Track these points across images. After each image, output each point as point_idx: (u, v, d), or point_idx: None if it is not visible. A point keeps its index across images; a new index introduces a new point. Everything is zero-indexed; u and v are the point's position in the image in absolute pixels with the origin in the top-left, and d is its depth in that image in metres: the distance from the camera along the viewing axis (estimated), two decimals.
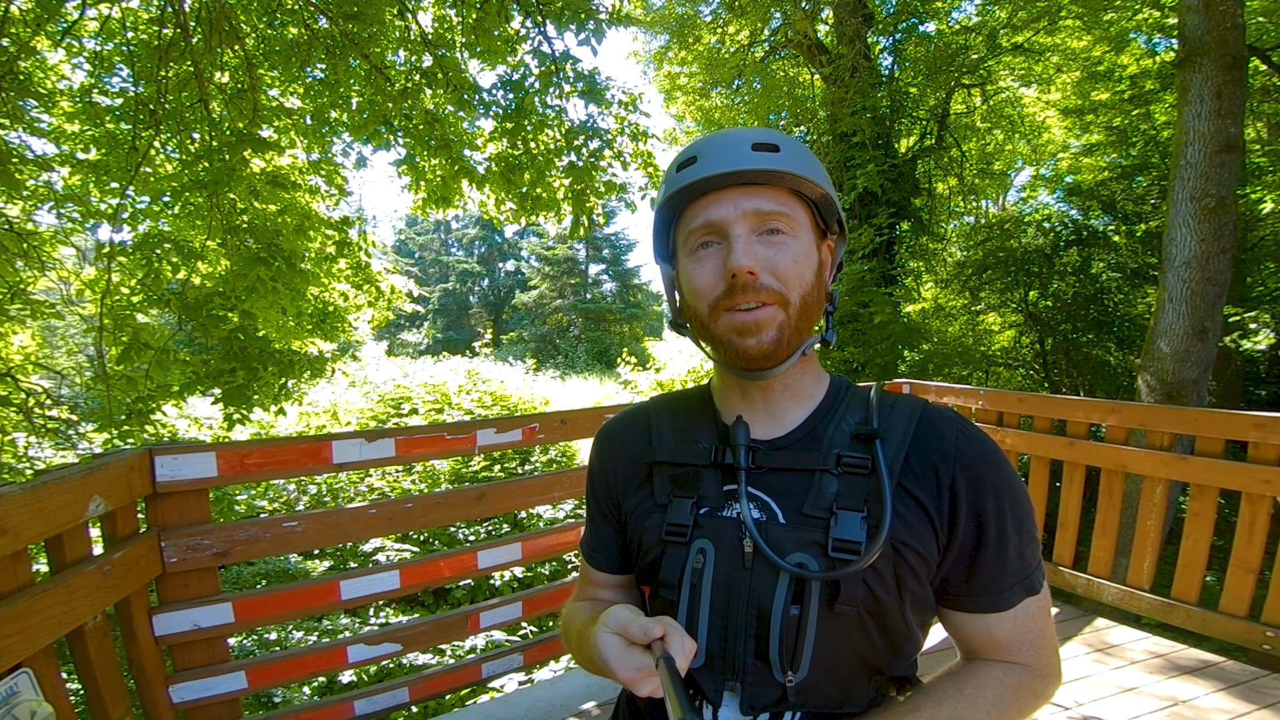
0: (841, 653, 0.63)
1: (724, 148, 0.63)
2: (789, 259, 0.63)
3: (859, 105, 6.99)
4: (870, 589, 0.61)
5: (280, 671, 1.63)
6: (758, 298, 0.62)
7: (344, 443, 1.69)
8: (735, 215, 0.63)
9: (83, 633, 1.25)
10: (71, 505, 1.23)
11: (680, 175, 0.65)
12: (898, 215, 7.55)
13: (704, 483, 0.69)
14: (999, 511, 0.64)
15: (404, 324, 29.25)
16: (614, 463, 0.78)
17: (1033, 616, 0.66)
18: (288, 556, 4.62)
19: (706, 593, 0.65)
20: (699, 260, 0.66)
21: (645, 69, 9.83)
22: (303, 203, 5.07)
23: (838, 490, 0.64)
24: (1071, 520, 2.38)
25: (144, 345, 4.65)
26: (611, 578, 0.81)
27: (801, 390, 0.71)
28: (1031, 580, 0.66)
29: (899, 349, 6.88)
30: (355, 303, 5.43)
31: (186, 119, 4.08)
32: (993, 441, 0.67)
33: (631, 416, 0.80)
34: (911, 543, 0.62)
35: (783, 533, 0.63)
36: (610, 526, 0.79)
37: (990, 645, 0.67)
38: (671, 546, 0.67)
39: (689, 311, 0.69)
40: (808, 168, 0.64)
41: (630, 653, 0.56)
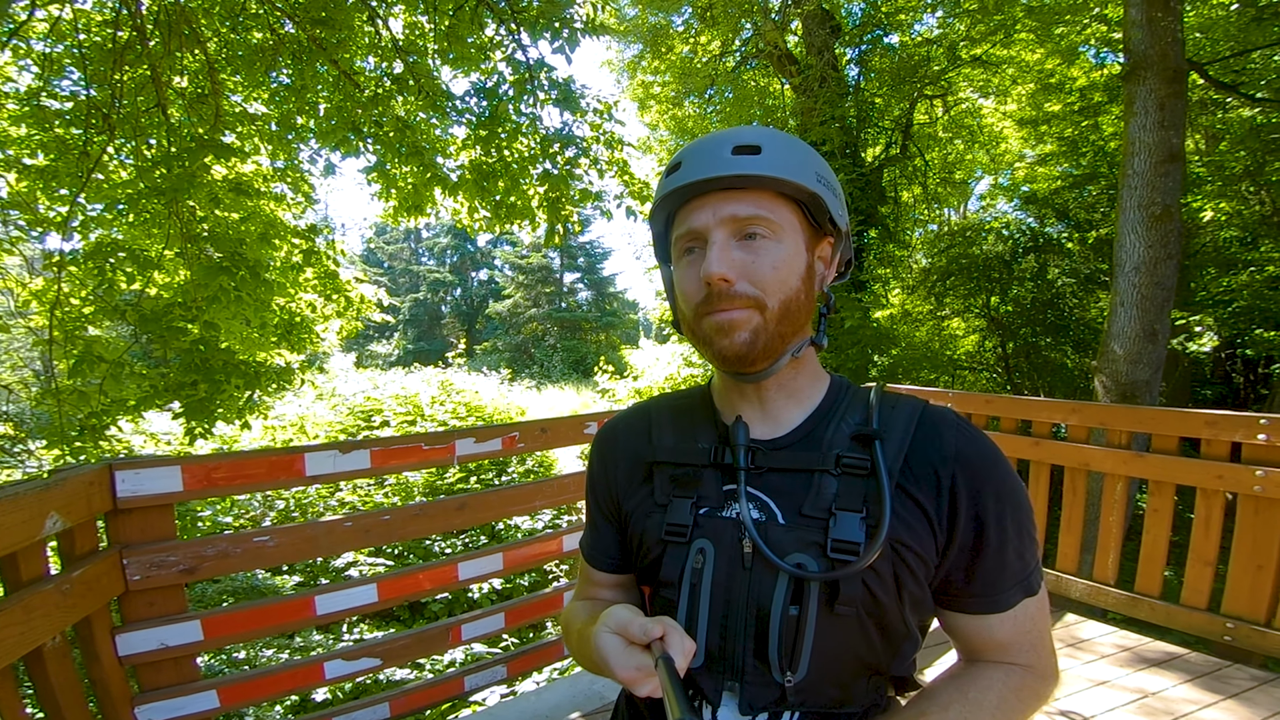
0: (840, 653, 0.63)
1: (704, 153, 0.63)
2: (767, 264, 0.63)
3: (827, 115, 7.17)
4: (869, 589, 0.62)
5: (254, 690, 1.57)
6: (732, 304, 0.63)
7: (317, 455, 1.65)
8: (713, 221, 0.63)
9: (41, 654, 1.19)
10: (26, 523, 1.17)
11: (666, 181, 0.66)
12: (866, 223, 7.75)
13: (704, 483, 0.69)
14: (999, 513, 0.64)
15: (374, 335, 28.64)
16: (614, 462, 0.78)
17: (1032, 617, 0.67)
18: (255, 573, 4.44)
19: (706, 592, 0.65)
20: (684, 266, 0.67)
21: (619, 78, 9.90)
22: (268, 210, 4.94)
23: (837, 491, 0.64)
24: (1039, 518, 2.46)
25: (97, 358, 4.45)
26: (611, 577, 0.81)
27: (798, 391, 0.71)
28: (1030, 581, 0.66)
29: (869, 354, 7.03)
30: (323, 313, 5.30)
31: (142, 124, 3.94)
32: (993, 443, 0.67)
33: (632, 416, 0.81)
34: (911, 543, 0.62)
35: (782, 533, 0.64)
36: (610, 526, 0.79)
37: (990, 646, 0.68)
38: (671, 546, 0.67)
39: (680, 315, 0.70)
40: (792, 169, 0.63)
41: (630, 652, 0.56)
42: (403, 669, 3.28)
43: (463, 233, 20.93)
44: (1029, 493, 2.40)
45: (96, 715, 1.37)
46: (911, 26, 8.36)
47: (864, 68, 8.43)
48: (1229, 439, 1.93)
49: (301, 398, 9.12)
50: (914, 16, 8.20)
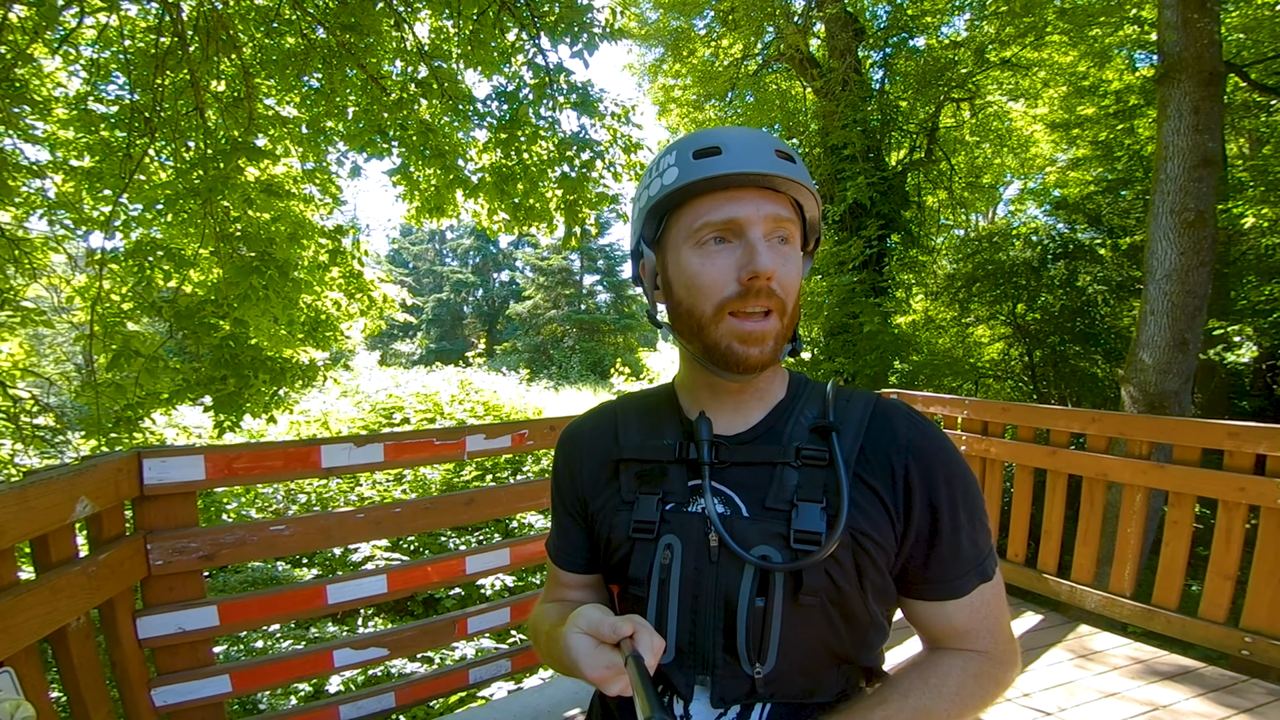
0: (808, 643, 0.64)
1: (751, 147, 0.63)
2: (794, 270, 0.66)
3: (850, 118, 7.10)
4: (832, 579, 0.63)
5: (265, 675, 1.63)
6: (768, 303, 0.63)
7: (333, 447, 1.70)
8: (757, 217, 0.63)
9: (65, 634, 1.25)
10: (59, 506, 1.24)
11: (701, 164, 0.63)
12: (888, 227, 7.64)
13: (669, 479, 0.70)
14: (950, 499, 0.66)
15: (397, 334, 29.17)
16: (580, 462, 0.78)
17: (988, 603, 0.68)
18: (274, 564, 4.57)
19: (675, 588, 0.66)
20: (709, 255, 0.64)
21: (640, 81, 9.94)
22: (297, 211, 5.09)
23: (798, 482, 0.65)
24: (1055, 528, 2.41)
25: (134, 353, 4.63)
26: (579, 578, 0.81)
27: (767, 389, 0.73)
28: (985, 567, 0.68)
29: (888, 359, 6.93)
30: (347, 311, 5.43)
31: (181, 127, 4.10)
32: (942, 433, 0.70)
33: (597, 417, 0.81)
34: (870, 532, 0.64)
35: (746, 526, 0.65)
36: (577, 526, 0.79)
37: (950, 633, 0.69)
38: (639, 543, 0.68)
39: (681, 306, 0.67)
40: (812, 184, 0.67)
41: (600, 652, 0.56)
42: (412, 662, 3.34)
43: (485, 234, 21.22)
44: (1045, 503, 2.39)
45: (115, 697, 1.44)
46: (938, 29, 8.23)
47: (888, 71, 8.32)
48: (1253, 451, 1.87)
49: (326, 394, 9.35)
50: (941, 19, 8.07)
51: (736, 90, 8.72)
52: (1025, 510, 2.54)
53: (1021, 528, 2.54)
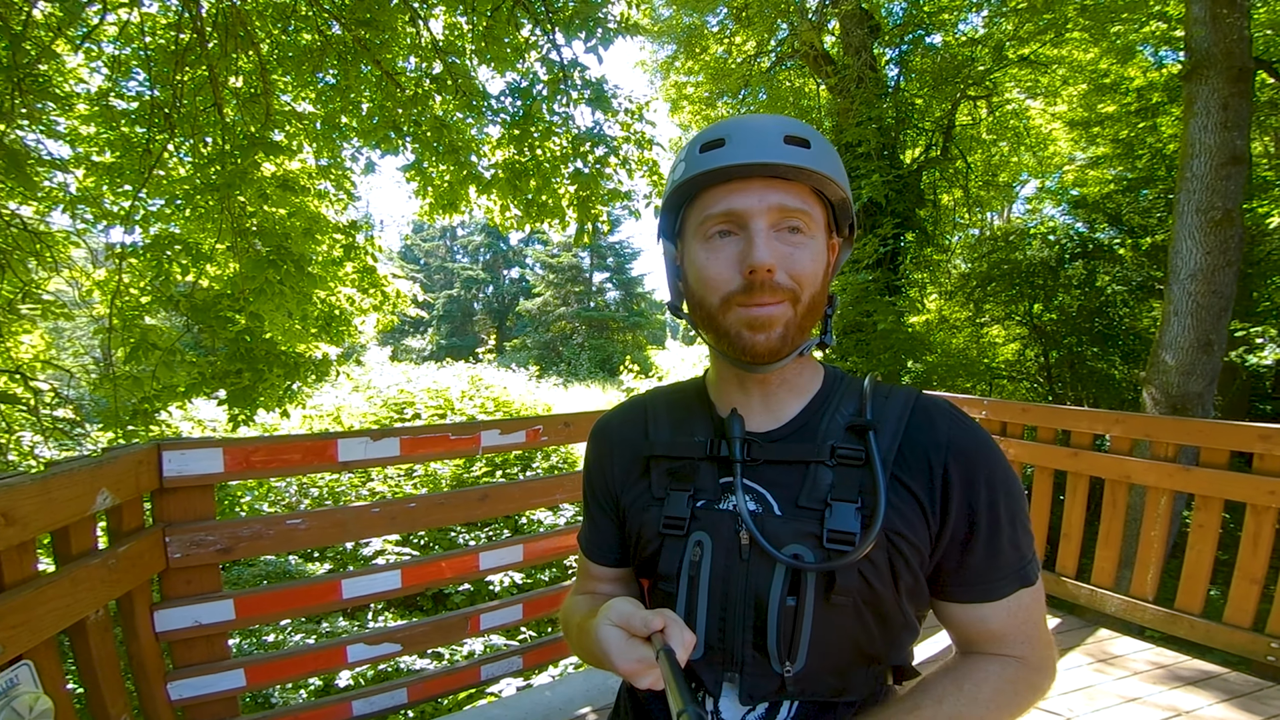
0: (839, 642, 0.63)
1: (756, 135, 0.62)
2: (807, 259, 0.63)
3: (864, 116, 7.02)
4: (865, 579, 0.62)
5: (279, 670, 1.63)
6: (773, 295, 0.62)
7: (349, 441, 1.70)
8: (760, 208, 0.62)
9: (84, 626, 1.25)
10: (80, 498, 1.24)
11: (706, 157, 0.62)
12: (902, 226, 7.56)
13: (700, 475, 0.69)
14: (991, 502, 0.64)
15: (408, 329, 29.36)
16: (610, 457, 0.78)
17: (1026, 608, 0.66)
18: (288, 559, 4.61)
19: (704, 585, 0.65)
20: (714, 249, 0.64)
21: (652, 78, 9.89)
22: (312, 207, 5.13)
23: (832, 482, 0.64)
24: (1075, 531, 2.37)
25: (151, 346, 4.69)
26: (610, 571, 0.81)
27: (799, 384, 0.71)
28: (1026, 572, 0.66)
29: (902, 359, 6.86)
30: (360, 306, 5.46)
31: (200, 123, 4.13)
32: (986, 433, 0.67)
33: (628, 411, 0.81)
34: (905, 533, 0.63)
35: (778, 524, 0.64)
36: (608, 520, 0.79)
37: (985, 637, 0.67)
38: (669, 539, 0.68)
39: (694, 299, 0.68)
40: (834, 168, 0.64)
41: (631, 645, 0.56)
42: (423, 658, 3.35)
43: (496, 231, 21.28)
44: (1065, 505, 2.35)
45: (131, 690, 1.44)
46: (955, 26, 8.11)
47: (904, 68, 8.21)
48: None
49: (339, 389, 9.43)
50: (958, 16, 7.95)
51: (750, 87, 8.66)
52: (1044, 512, 2.50)
53: (1040, 531, 2.51)
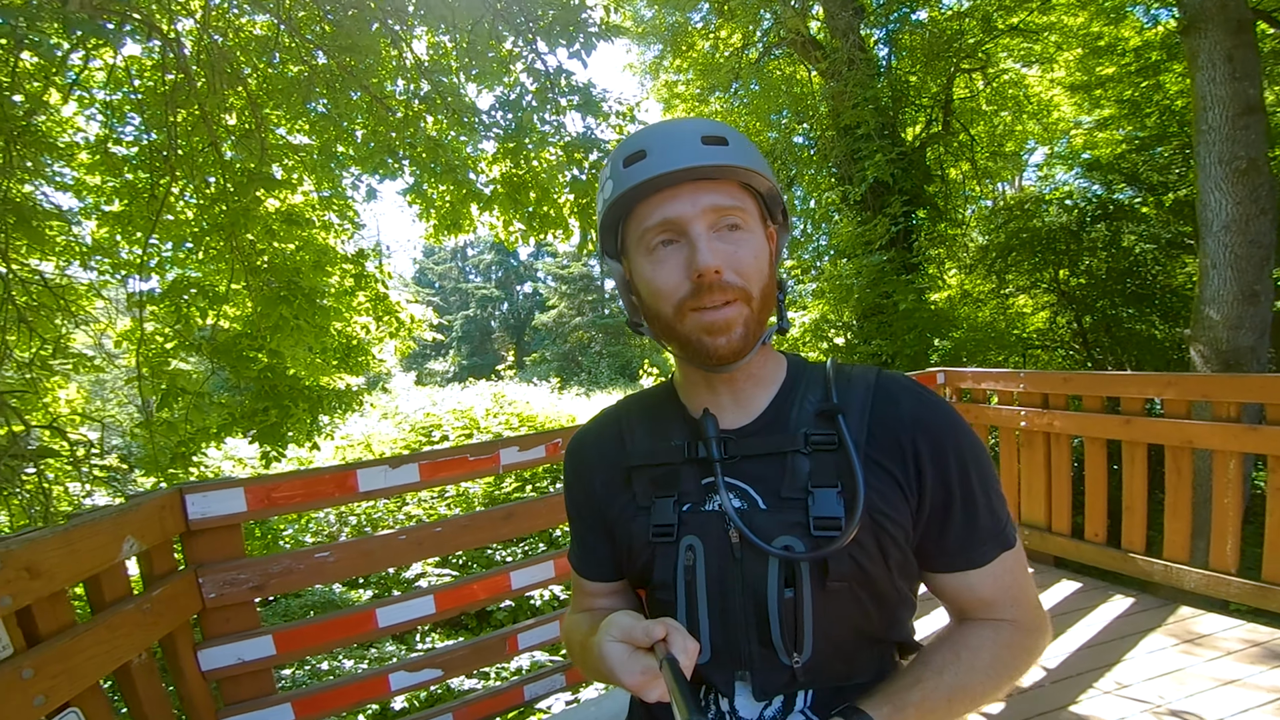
0: (841, 627, 0.64)
1: (674, 141, 0.62)
2: (750, 255, 0.64)
3: (859, 97, 6.92)
4: (857, 562, 0.63)
5: (325, 702, 1.61)
6: (724, 296, 0.62)
7: (368, 470, 1.68)
8: (694, 212, 0.62)
9: (129, 670, 1.25)
10: (105, 547, 1.23)
11: (630, 171, 0.62)
12: (912, 203, 7.43)
13: (683, 480, 0.69)
14: (962, 471, 0.65)
15: (430, 353, 29.75)
16: (590, 474, 0.77)
17: (1010, 571, 0.68)
18: (332, 587, 4.64)
19: (701, 588, 0.65)
20: (658, 260, 0.64)
21: (642, 80, 9.89)
22: (320, 239, 5.19)
23: (810, 469, 0.65)
24: (1138, 503, 2.23)
25: (180, 390, 4.76)
26: (605, 585, 0.80)
27: (764, 375, 0.72)
28: (1005, 535, 0.68)
29: (927, 338, 6.71)
30: (377, 335, 5.50)
31: (198, 163, 4.19)
32: (948, 404, 0.70)
33: (602, 425, 0.80)
34: (887, 511, 0.64)
35: (765, 518, 0.64)
36: (596, 536, 0.78)
37: (976, 604, 0.69)
38: (661, 547, 0.67)
39: (649, 312, 0.68)
40: (755, 161, 0.64)
41: (635, 658, 0.56)
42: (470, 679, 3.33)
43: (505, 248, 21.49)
44: (1124, 476, 2.23)
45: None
46: (940, 1, 7.98)
47: (894, 46, 8.09)
48: None
49: (368, 417, 9.54)
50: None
51: (740, 80, 8.60)
52: (1101, 486, 2.36)
53: (1099, 505, 2.36)
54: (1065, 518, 2.47)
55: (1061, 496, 2.48)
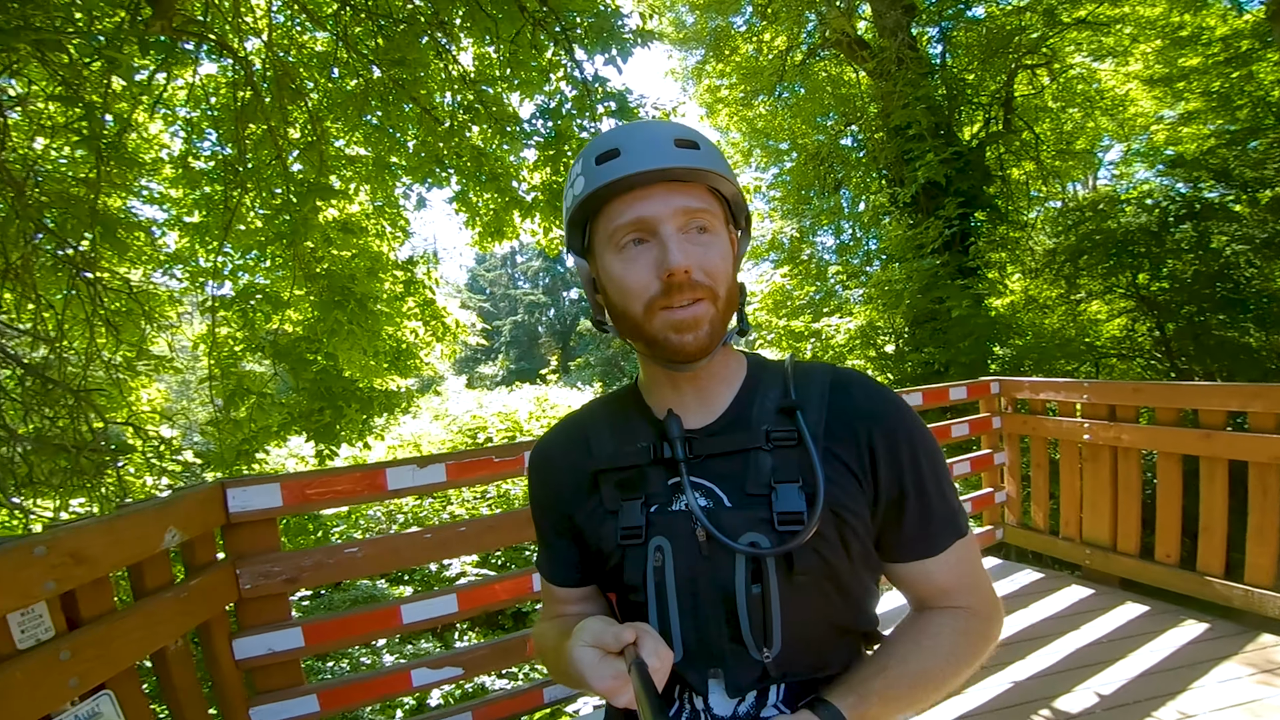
0: (809, 620, 0.66)
1: (648, 143, 0.64)
2: (717, 256, 0.66)
3: (910, 97, 6.66)
4: (821, 555, 0.64)
5: (349, 695, 1.66)
6: (693, 294, 0.64)
7: (398, 470, 1.72)
8: (666, 212, 0.64)
9: (165, 656, 1.31)
10: (148, 536, 1.30)
11: (604, 169, 0.64)
12: (969, 205, 7.07)
13: (649, 481, 0.70)
14: (914, 461, 0.67)
15: (480, 357, 30.60)
16: (556, 480, 0.78)
17: (965, 559, 0.70)
18: (376, 583, 4.80)
19: (671, 588, 0.66)
20: (628, 258, 0.65)
21: (684, 85, 9.89)
22: (374, 247, 5.42)
23: (773, 465, 0.66)
24: (1218, 524, 2.03)
25: (246, 390, 5.06)
26: (575, 591, 0.81)
27: (727, 374, 0.73)
28: (958, 523, 0.70)
29: (985, 345, 6.35)
30: (424, 339, 5.68)
31: (265, 175, 4.46)
32: (899, 397, 0.71)
33: (565, 431, 0.81)
34: (847, 503, 0.65)
35: (731, 515, 0.65)
36: (564, 541, 0.78)
37: (933, 592, 0.71)
38: (630, 550, 0.68)
39: (616, 310, 0.68)
40: (723, 166, 0.67)
41: (605, 663, 0.56)
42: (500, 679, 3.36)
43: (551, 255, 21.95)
44: (1201, 495, 2.03)
45: (216, 715, 1.49)
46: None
47: (948, 44, 7.75)
48: None
49: (420, 418, 9.89)
50: None
51: (784, 83, 8.46)
52: (1175, 504, 2.16)
53: (1172, 525, 2.17)
54: (1133, 537, 2.31)
55: (1129, 515, 2.31)
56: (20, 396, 2.97)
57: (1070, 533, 2.58)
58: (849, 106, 8.19)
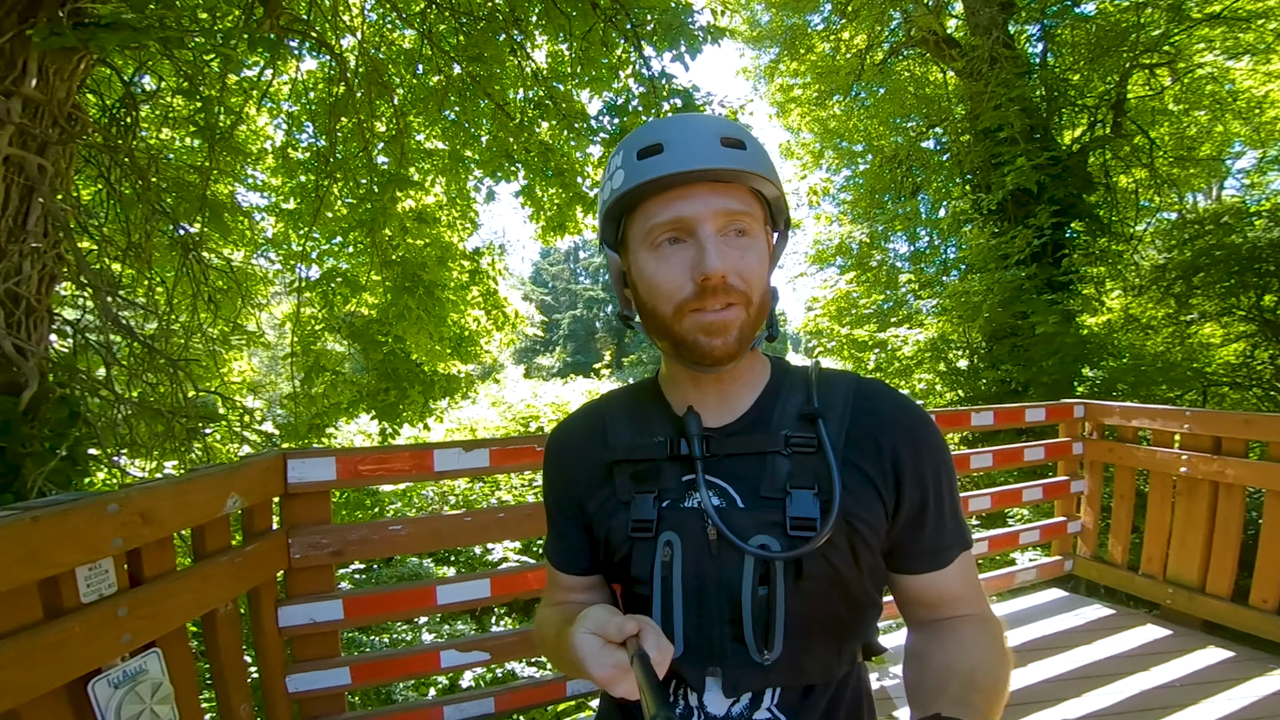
0: (812, 627, 0.66)
1: (693, 140, 0.62)
2: (754, 261, 0.65)
3: (1002, 98, 6.20)
4: (830, 562, 0.64)
5: (379, 670, 1.71)
6: (726, 299, 0.63)
7: (444, 452, 1.76)
8: (706, 213, 0.62)
9: (215, 618, 1.38)
10: (211, 500, 1.38)
11: (645, 164, 0.62)
12: (1064, 214, 6.51)
13: (664, 476, 0.70)
14: (936, 475, 0.68)
15: (538, 349, 31.41)
16: (571, 467, 0.78)
17: (970, 568, 0.71)
18: (424, 563, 4.99)
19: (678, 584, 0.66)
20: (663, 257, 0.64)
21: (756, 84, 9.70)
22: (445, 237, 5.64)
23: (789, 470, 0.66)
24: None
25: (322, 368, 5.39)
26: (581, 580, 0.81)
27: (750, 378, 0.73)
28: (964, 536, 0.71)
29: (1074, 366, 5.83)
30: (484, 327, 5.86)
31: (352, 166, 4.74)
32: (924, 411, 0.71)
33: (584, 419, 0.81)
34: (862, 514, 0.65)
35: (743, 517, 0.65)
36: (574, 529, 0.78)
37: (945, 601, 0.71)
38: (639, 542, 0.68)
39: (645, 308, 0.68)
40: (768, 168, 0.65)
41: (606, 651, 0.57)
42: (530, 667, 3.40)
43: None
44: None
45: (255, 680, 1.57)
46: None
47: (1050, 42, 7.16)
48: None
49: (477, 404, 10.25)
50: None
51: (862, 82, 8.10)
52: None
53: (1274, 568, 1.98)
54: (1226, 579, 2.13)
55: (1225, 555, 2.13)
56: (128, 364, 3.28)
57: (1152, 569, 2.41)
58: (932, 107, 7.75)
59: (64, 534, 1.00)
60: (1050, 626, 2.32)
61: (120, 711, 1.03)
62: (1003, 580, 2.63)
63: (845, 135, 9.18)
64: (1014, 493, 2.67)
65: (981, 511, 2.57)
